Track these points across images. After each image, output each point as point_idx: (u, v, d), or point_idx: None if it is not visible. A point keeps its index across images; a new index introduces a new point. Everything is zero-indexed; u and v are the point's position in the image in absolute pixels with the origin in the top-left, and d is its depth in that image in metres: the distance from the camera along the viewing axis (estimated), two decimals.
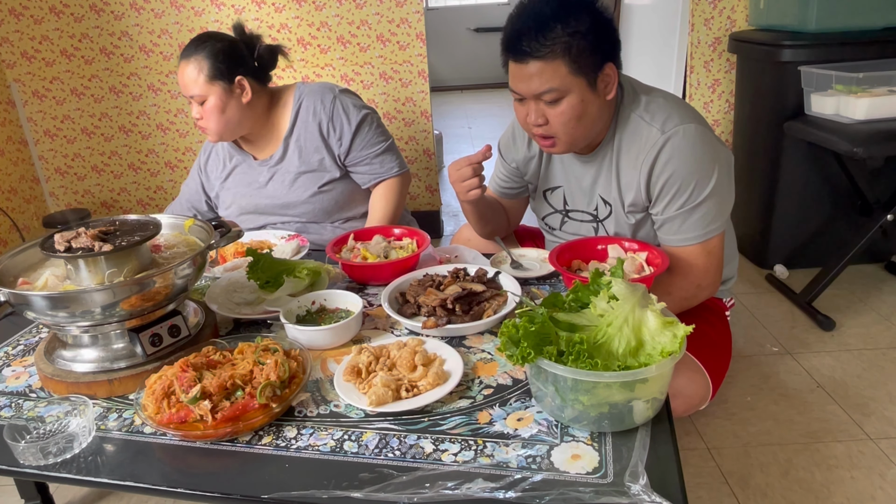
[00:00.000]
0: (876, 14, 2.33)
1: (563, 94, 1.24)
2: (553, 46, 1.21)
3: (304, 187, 1.76)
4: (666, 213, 1.32)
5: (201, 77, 1.62)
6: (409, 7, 2.93)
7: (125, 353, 1.07)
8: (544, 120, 1.28)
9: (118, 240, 1.07)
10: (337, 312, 1.22)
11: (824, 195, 2.48)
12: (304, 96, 1.76)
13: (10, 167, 3.08)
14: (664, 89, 1.40)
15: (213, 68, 1.62)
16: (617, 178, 1.38)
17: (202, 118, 1.67)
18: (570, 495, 0.78)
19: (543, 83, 1.23)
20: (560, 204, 1.52)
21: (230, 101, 1.65)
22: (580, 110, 1.26)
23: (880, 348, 2.07)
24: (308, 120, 1.74)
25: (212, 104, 1.64)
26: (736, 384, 1.92)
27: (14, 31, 2.98)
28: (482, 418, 0.94)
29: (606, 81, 1.27)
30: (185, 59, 1.64)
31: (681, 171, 1.27)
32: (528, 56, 1.22)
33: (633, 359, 0.86)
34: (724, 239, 1.37)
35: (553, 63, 1.22)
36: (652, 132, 1.30)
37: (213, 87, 1.63)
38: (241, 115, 1.69)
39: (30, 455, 0.90)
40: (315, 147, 1.75)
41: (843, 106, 2.18)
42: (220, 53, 1.64)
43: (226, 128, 1.69)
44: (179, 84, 1.66)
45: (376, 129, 1.79)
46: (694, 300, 1.40)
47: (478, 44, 7.30)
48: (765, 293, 2.47)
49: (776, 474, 1.58)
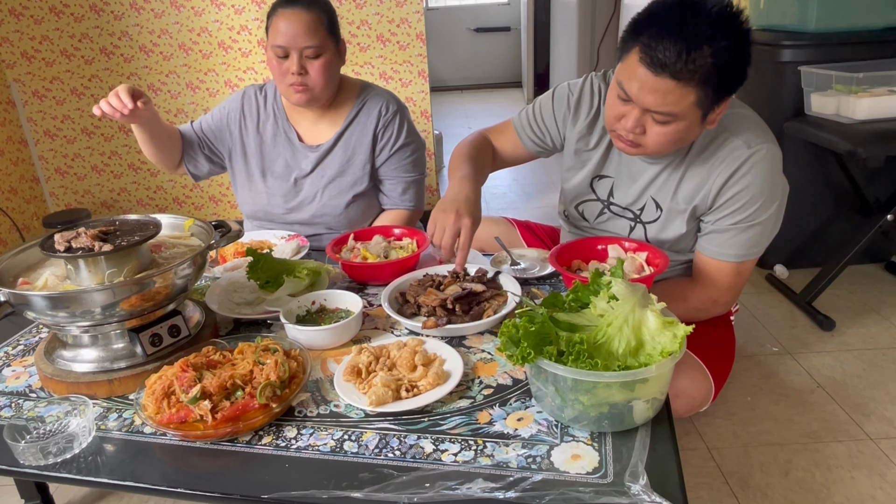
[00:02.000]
0: (876, 14, 2.33)
1: (675, 119, 1.15)
2: (694, 73, 1.09)
3: (336, 191, 1.69)
4: (718, 224, 1.30)
5: (322, 29, 1.52)
6: (409, 7, 2.93)
7: (125, 353, 1.07)
8: (642, 130, 1.20)
9: (118, 240, 1.07)
10: (337, 312, 1.22)
11: (824, 195, 2.48)
12: (370, 96, 1.69)
13: (10, 167, 3.08)
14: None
15: (330, 24, 1.55)
16: (679, 182, 1.33)
17: (308, 74, 1.53)
18: (570, 495, 0.78)
19: (666, 104, 1.13)
20: (605, 194, 1.46)
21: (336, 62, 1.59)
22: (682, 136, 1.19)
23: (880, 348, 2.07)
24: (367, 121, 1.68)
25: (326, 59, 1.54)
26: (736, 384, 1.92)
27: (14, 31, 2.98)
28: (482, 418, 0.94)
29: (717, 113, 1.19)
30: (303, 7, 1.51)
31: (752, 188, 1.25)
32: (665, 70, 1.09)
33: (633, 359, 0.86)
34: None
35: (686, 89, 1.10)
36: (737, 144, 1.26)
37: (330, 42, 1.55)
38: (337, 81, 1.61)
39: (30, 455, 0.90)
40: (364, 149, 1.68)
41: (843, 106, 2.18)
42: (333, 12, 1.58)
43: (328, 87, 1.58)
44: (285, 33, 1.50)
45: (416, 159, 1.74)
46: (705, 314, 1.40)
47: (478, 44, 7.30)
48: (765, 293, 2.47)
49: (776, 474, 1.58)
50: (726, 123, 1.28)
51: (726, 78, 1.12)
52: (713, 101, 1.15)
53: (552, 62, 6.02)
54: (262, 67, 3.05)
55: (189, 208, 3.40)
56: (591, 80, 1.44)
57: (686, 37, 1.07)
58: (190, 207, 3.40)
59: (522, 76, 6.85)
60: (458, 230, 1.22)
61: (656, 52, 1.09)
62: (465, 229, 1.22)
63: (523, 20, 6.46)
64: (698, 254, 1.37)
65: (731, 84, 1.14)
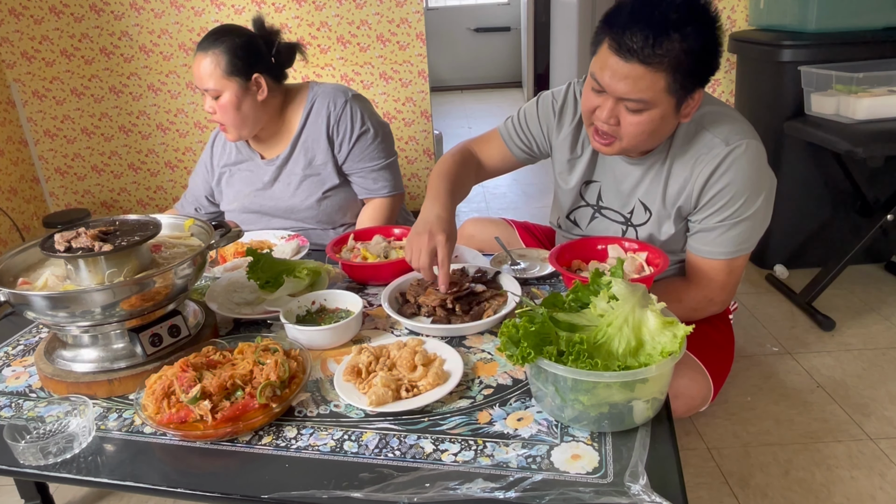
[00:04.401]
0: (876, 14, 2.33)
1: (648, 107, 1.17)
2: (663, 58, 1.11)
3: (309, 192, 1.74)
4: (705, 223, 1.31)
5: (217, 71, 1.58)
6: (409, 7, 2.93)
7: (125, 353, 1.07)
8: (616, 121, 1.21)
9: (118, 240, 1.07)
10: (337, 312, 1.22)
11: (824, 195, 2.48)
12: (317, 97, 1.71)
13: (10, 167, 3.08)
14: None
15: (230, 64, 1.58)
16: (665, 184, 1.33)
17: (216, 113, 1.63)
18: (570, 495, 0.78)
19: (637, 91, 1.14)
20: (594, 199, 1.46)
21: (245, 98, 1.62)
22: (656, 126, 1.20)
23: (880, 348, 2.07)
24: (318, 121, 1.70)
25: (226, 100, 1.60)
26: (736, 384, 1.92)
27: (14, 31, 2.98)
28: (482, 418, 0.94)
29: (691, 106, 1.21)
30: (203, 51, 1.59)
31: (734, 185, 1.25)
32: (634, 56, 1.12)
33: (633, 359, 0.86)
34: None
35: (656, 74, 1.13)
36: (715, 142, 1.26)
37: (230, 82, 1.59)
38: (255, 112, 1.65)
39: (30, 455, 0.90)
40: (322, 149, 1.72)
41: (843, 106, 2.18)
42: (239, 49, 1.59)
43: (242, 124, 1.64)
44: (194, 76, 1.63)
45: (379, 143, 1.74)
46: (702, 313, 1.40)
47: (478, 44, 7.30)
48: (765, 293, 2.47)
49: (776, 474, 1.58)
50: (705, 122, 1.29)
51: (696, 64, 1.14)
52: (685, 89, 1.17)
53: (552, 62, 6.02)
54: None
55: None
56: (573, 86, 1.45)
57: (653, 23, 1.11)
58: None
59: (522, 76, 6.85)
60: (433, 249, 1.21)
61: (624, 38, 1.12)
62: (441, 247, 1.21)
63: (523, 20, 6.46)
64: (689, 254, 1.38)
65: (703, 72, 1.17)
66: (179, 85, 3.11)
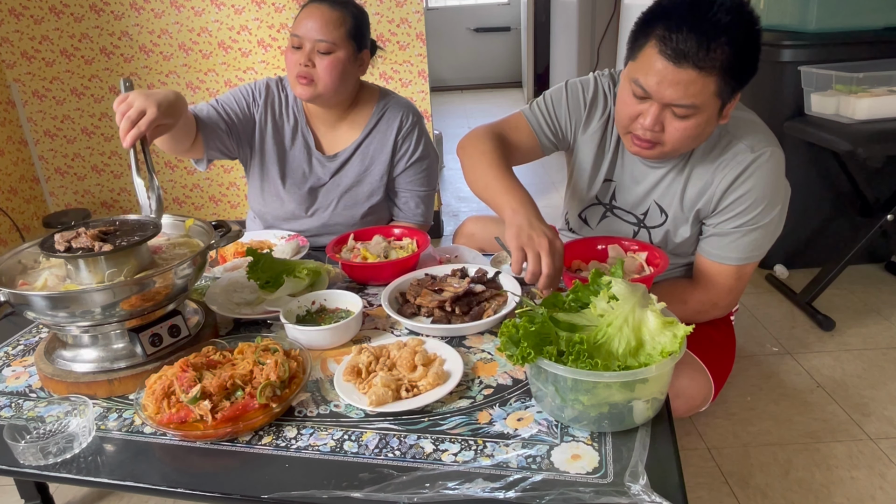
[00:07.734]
0: (876, 14, 2.33)
1: (696, 112, 1.13)
2: (716, 61, 1.08)
3: (355, 205, 1.69)
4: (720, 228, 1.30)
5: (342, 29, 1.52)
6: (409, 7, 2.93)
7: (125, 353, 1.07)
8: (661, 128, 1.17)
9: (118, 240, 1.07)
10: (337, 312, 1.22)
11: (824, 195, 2.48)
12: (389, 106, 1.68)
13: (10, 167, 3.08)
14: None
15: (354, 28, 1.55)
16: (684, 186, 1.31)
17: (315, 67, 1.52)
18: (570, 495, 0.78)
19: (688, 96, 1.10)
20: (607, 197, 1.44)
21: (351, 67, 1.57)
22: (701, 130, 1.16)
23: (880, 348, 2.07)
24: (387, 131, 1.67)
25: (337, 58, 1.52)
26: (736, 384, 1.92)
27: (14, 31, 2.98)
28: (482, 418, 0.94)
29: (730, 108, 1.19)
30: (331, 4, 1.53)
31: (755, 192, 1.25)
32: (687, 61, 1.08)
33: (633, 359, 0.86)
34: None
35: (707, 79, 1.09)
36: (740, 148, 1.25)
37: (348, 44, 1.54)
38: (348, 84, 1.59)
39: (30, 455, 0.90)
40: (383, 160, 1.67)
41: (843, 106, 2.18)
42: (362, 20, 1.58)
43: (334, 88, 1.55)
44: (303, 24, 1.52)
45: (430, 173, 1.73)
46: (705, 316, 1.40)
47: (478, 44, 7.30)
48: (765, 293, 2.47)
49: (776, 474, 1.58)
50: (730, 127, 1.27)
51: (743, 66, 1.12)
52: (729, 94, 1.14)
53: (552, 62, 6.02)
54: (262, 67, 3.05)
55: (189, 208, 3.40)
56: (599, 80, 1.40)
57: (705, 25, 1.07)
58: (190, 207, 3.40)
59: (522, 76, 6.85)
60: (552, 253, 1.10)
61: (676, 42, 1.08)
62: (558, 253, 1.11)
63: (523, 20, 6.46)
64: (699, 256, 1.37)
65: (747, 73, 1.14)
66: (179, 85, 3.11)
